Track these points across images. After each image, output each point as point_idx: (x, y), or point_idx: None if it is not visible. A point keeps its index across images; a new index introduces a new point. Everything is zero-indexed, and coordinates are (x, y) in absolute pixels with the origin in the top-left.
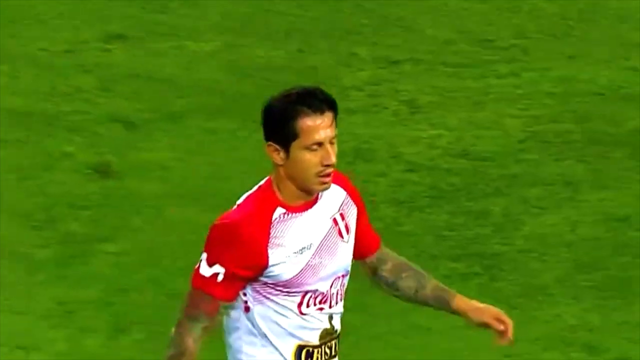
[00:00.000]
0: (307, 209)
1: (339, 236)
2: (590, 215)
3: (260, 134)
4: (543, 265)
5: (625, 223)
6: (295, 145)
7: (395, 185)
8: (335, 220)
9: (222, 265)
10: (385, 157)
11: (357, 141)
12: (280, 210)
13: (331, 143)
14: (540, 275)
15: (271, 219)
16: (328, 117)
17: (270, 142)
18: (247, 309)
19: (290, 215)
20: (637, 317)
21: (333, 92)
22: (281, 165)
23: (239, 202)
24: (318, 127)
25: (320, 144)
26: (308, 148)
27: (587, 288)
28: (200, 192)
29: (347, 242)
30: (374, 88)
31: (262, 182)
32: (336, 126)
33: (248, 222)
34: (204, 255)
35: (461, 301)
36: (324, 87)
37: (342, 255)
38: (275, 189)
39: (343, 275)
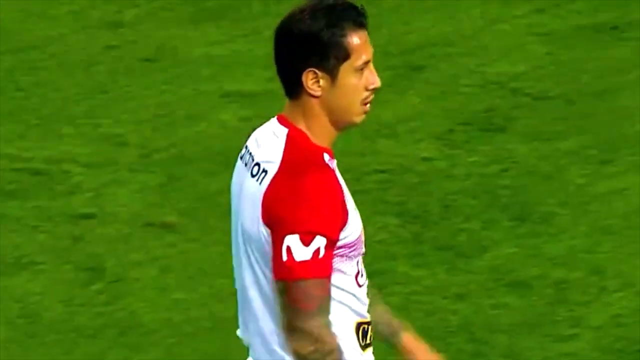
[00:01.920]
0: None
1: None
2: None
3: None
4: None
5: None
6: (345, 67)
7: None
8: None
9: (322, 234)
10: None
11: None
12: (326, 156)
13: None
14: None
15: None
16: (366, 31)
17: (312, 69)
18: None
19: (332, 161)
20: None
21: None
22: (318, 97)
23: (276, 157)
24: (366, 43)
25: (367, 63)
26: (357, 69)
27: None
28: None
29: None
30: None
31: (275, 127)
32: None
33: (327, 169)
34: (294, 237)
35: (410, 339)
36: None
37: None
38: (304, 130)
39: None
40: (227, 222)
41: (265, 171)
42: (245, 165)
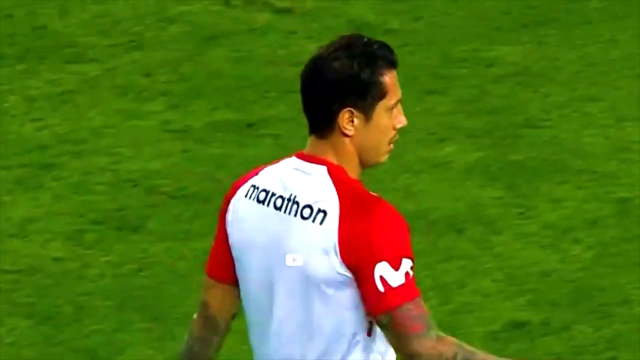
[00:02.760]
0: None
1: None
2: None
3: None
4: None
5: None
6: (380, 106)
7: None
8: None
9: (407, 256)
10: None
11: None
12: None
13: None
14: None
15: None
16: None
17: (349, 109)
18: (369, 332)
19: None
20: None
21: None
22: (350, 137)
23: (329, 196)
24: (397, 82)
25: (397, 103)
26: (389, 109)
27: None
28: None
29: None
30: None
31: (303, 166)
32: None
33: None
34: (384, 264)
35: None
36: None
37: None
38: (344, 169)
39: None
40: None
41: (323, 211)
42: (279, 209)
